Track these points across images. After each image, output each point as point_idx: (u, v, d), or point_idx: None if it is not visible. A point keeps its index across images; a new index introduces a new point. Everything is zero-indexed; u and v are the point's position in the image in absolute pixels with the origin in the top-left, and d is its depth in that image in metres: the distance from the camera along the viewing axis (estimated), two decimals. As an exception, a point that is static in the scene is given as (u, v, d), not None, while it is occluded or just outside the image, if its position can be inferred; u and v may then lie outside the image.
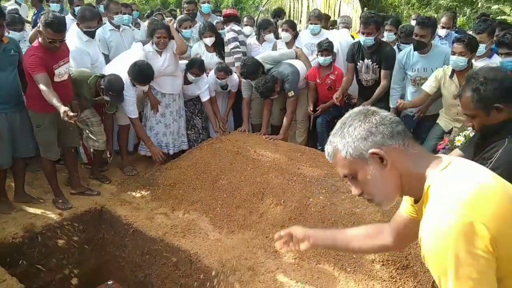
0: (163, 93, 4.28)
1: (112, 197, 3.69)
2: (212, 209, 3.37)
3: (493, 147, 1.68)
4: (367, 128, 1.11)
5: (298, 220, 3.07)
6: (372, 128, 1.10)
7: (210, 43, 4.57)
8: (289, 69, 4.17)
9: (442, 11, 9.84)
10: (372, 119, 1.12)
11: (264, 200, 3.31)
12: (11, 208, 3.38)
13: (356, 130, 1.12)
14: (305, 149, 3.96)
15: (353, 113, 1.16)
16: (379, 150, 1.09)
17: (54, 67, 3.17)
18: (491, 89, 1.66)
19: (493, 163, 1.66)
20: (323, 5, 9.14)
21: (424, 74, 3.77)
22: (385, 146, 1.10)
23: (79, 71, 3.73)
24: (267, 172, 3.52)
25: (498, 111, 1.68)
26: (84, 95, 3.62)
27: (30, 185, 3.75)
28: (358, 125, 1.12)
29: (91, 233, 3.56)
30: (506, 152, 1.64)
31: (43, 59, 3.09)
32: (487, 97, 1.67)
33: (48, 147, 3.36)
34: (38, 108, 3.22)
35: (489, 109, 1.69)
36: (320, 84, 4.47)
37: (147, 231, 3.18)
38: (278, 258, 2.80)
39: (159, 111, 4.28)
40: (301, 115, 4.70)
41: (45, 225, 3.26)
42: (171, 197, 3.59)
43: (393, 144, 1.10)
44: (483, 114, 1.71)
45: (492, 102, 1.67)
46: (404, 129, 1.13)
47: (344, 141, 1.13)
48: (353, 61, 4.19)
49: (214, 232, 3.12)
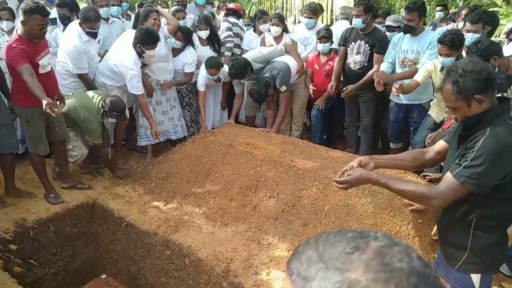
0: (158, 79, 4.30)
1: (104, 191, 3.66)
2: (205, 202, 3.36)
3: (475, 137, 1.71)
4: None
5: (291, 212, 3.08)
6: None
7: (204, 36, 4.55)
8: (279, 66, 4.18)
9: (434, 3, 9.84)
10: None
11: (257, 192, 3.31)
12: (2, 203, 3.35)
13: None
14: (298, 142, 3.96)
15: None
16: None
17: (37, 59, 3.11)
18: (470, 80, 1.69)
19: (475, 152, 1.68)
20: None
21: (411, 55, 3.89)
22: None
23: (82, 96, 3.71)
24: (260, 165, 3.51)
25: (479, 102, 1.71)
26: (95, 133, 3.62)
27: (22, 180, 3.72)
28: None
29: (83, 227, 3.55)
30: (487, 141, 1.67)
31: (26, 51, 3.02)
32: (467, 88, 1.70)
33: (38, 142, 3.32)
34: (26, 103, 3.17)
35: (470, 100, 1.72)
36: (318, 70, 4.51)
37: (140, 225, 3.17)
38: (271, 251, 2.81)
39: (155, 98, 4.30)
40: (297, 109, 4.72)
41: (36, 219, 3.24)
42: (164, 191, 3.57)
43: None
44: (464, 106, 1.73)
45: (472, 94, 1.70)
46: None
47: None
48: (345, 45, 4.29)
49: (207, 225, 3.12)
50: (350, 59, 4.26)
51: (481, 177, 1.67)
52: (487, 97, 1.70)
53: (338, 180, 1.93)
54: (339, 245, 0.57)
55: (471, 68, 1.70)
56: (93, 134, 3.59)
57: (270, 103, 4.36)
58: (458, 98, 1.73)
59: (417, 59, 3.85)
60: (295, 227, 2.97)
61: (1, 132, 3.23)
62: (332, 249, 0.57)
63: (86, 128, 3.60)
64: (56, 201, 3.43)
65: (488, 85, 1.70)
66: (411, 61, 3.89)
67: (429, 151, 2.12)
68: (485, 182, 1.68)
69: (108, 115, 3.59)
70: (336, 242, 0.58)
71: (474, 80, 1.68)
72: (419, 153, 2.17)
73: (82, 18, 3.73)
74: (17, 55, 2.99)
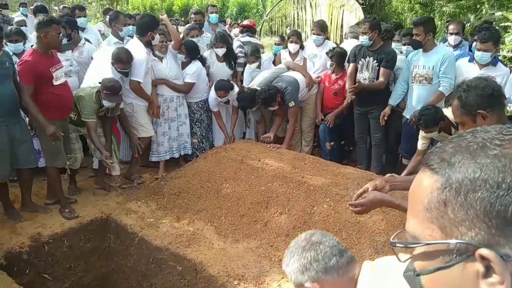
0: (172, 96, 4.39)
1: (117, 206, 3.71)
2: (216, 218, 3.39)
3: None
4: (303, 263, 1.27)
5: (303, 229, 3.07)
6: (307, 264, 1.26)
7: (221, 54, 4.68)
8: (287, 80, 4.24)
9: (446, 17, 9.86)
10: (307, 255, 1.27)
11: (268, 208, 3.32)
12: (18, 217, 3.42)
13: (295, 263, 1.29)
14: (309, 158, 3.97)
15: (296, 244, 1.32)
16: (314, 285, 1.25)
17: (52, 70, 3.22)
18: (473, 95, 1.73)
19: None
20: (326, 13, 9.20)
21: (423, 71, 3.90)
22: (320, 280, 1.24)
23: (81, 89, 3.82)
24: (271, 180, 3.53)
25: (484, 117, 1.74)
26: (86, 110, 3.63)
27: (37, 195, 3.80)
28: (297, 259, 1.29)
29: (97, 242, 3.59)
30: None
31: (37, 64, 3.15)
32: (469, 103, 1.74)
33: (56, 155, 3.41)
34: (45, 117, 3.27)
35: (474, 115, 1.75)
36: (328, 88, 4.56)
37: (152, 240, 3.20)
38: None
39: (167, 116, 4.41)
40: (307, 125, 4.75)
41: (51, 234, 3.30)
42: (176, 206, 3.61)
43: (328, 278, 1.24)
44: (469, 121, 1.77)
45: (475, 108, 1.73)
46: (338, 260, 1.25)
47: (289, 269, 1.31)
48: (354, 61, 4.34)
49: (219, 241, 3.13)
50: (359, 75, 4.29)
51: None
52: (493, 113, 1.72)
53: (353, 203, 1.93)
54: (492, 130, 0.58)
55: (475, 84, 1.75)
56: (84, 111, 3.59)
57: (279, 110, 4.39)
58: (462, 112, 1.77)
59: (427, 75, 3.85)
60: (307, 243, 2.96)
61: (21, 148, 3.32)
62: (484, 133, 0.58)
63: (81, 108, 3.61)
64: (70, 215, 3.49)
65: (493, 101, 1.73)
66: (422, 76, 3.90)
67: None
68: None
69: (101, 95, 3.60)
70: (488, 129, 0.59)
71: (478, 95, 1.72)
72: None
73: (114, 59, 3.82)
74: (26, 72, 3.14)
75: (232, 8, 19.87)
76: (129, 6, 19.47)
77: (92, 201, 3.79)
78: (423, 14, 13.70)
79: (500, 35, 3.90)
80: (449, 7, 11.76)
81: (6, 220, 3.39)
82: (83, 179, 4.21)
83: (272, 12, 10.79)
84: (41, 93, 3.22)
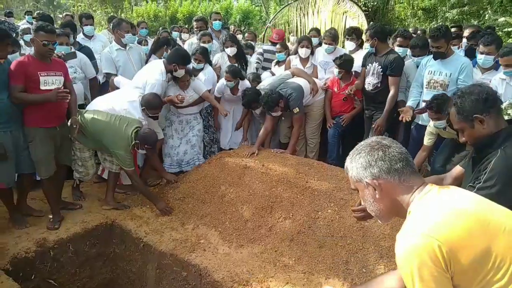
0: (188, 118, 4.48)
1: (122, 211, 3.72)
2: (221, 223, 3.39)
3: (488, 159, 1.74)
4: (368, 160, 1.33)
5: (307, 234, 3.07)
6: (372, 162, 1.32)
7: (231, 53, 4.75)
8: (292, 87, 4.26)
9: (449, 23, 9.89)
10: (375, 154, 1.33)
11: (272, 214, 3.32)
12: (24, 223, 3.43)
13: (360, 159, 1.35)
14: (313, 163, 3.98)
15: (365, 143, 1.39)
16: (373, 181, 1.31)
17: (40, 74, 3.21)
18: (469, 101, 1.77)
19: (487, 173, 1.72)
20: (329, 19, 9.25)
21: (439, 77, 3.85)
22: (380, 178, 1.31)
23: (115, 123, 3.58)
24: (275, 186, 3.54)
25: (481, 122, 1.76)
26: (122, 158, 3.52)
27: (43, 201, 3.81)
28: (363, 155, 1.34)
29: (102, 248, 3.60)
30: (498, 162, 1.71)
31: (27, 66, 3.17)
32: (465, 109, 1.78)
33: (38, 164, 3.36)
34: (29, 123, 3.28)
35: (472, 121, 1.78)
36: (337, 94, 4.60)
37: (157, 246, 3.21)
38: (287, 272, 2.80)
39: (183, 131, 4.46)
40: (311, 131, 4.76)
41: (57, 239, 3.31)
42: (180, 211, 3.62)
43: (388, 178, 1.30)
44: (467, 127, 1.81)
45: (471, 114, 1.77)
46: (403, 166, 1.30)
47: (352, 164, 1.37)
48: (365, 65, 4.45)
49: (223, 246, 3.14)
50: (366, 80, 4.37)
51: (495, 198, 1.67)
52: (490, 118, 1.75)
53: (356, 209, 1.94)
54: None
55: (469, 90, 1.79)
56: (125, 162, 3.53)
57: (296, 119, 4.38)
58: (459, 119, 1.80)
59: (443, 81, 3.82)
60: (311, 248, 2.96)
61: (22, 154, 3.33)
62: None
63: (115, 154, 3.55)
64: (51, 226, 3.42)
65: (488, 106, 1.75)
66: (437, 82, 3.84)
67: (447, 177, 2.12)
68: (500, 203, 1.68)
69: (140, 146, 3.55)
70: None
71: (473, 101, 1.76)
72: (437, 180, 2.16)
73: (145, 104, 3.77)
74: (14, 72, 3.16)
75: (236, 15, 20.00)
76: (134, 14, 19.64)
77: (97, 206, 3.80)
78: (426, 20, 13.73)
79: (503, 41, 3.90)
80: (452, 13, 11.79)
81: (11, 226, 3.40)
82: (88, 184, 4.23)
83: (275, 18, 10.86)
84: None
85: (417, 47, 4.25)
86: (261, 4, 21.22)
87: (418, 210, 1.25)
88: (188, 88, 4.31)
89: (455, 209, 1.20)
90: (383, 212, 1.37)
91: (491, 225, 1.18)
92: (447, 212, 1.20)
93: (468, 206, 1.22)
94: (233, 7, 20.91)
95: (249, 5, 21.65)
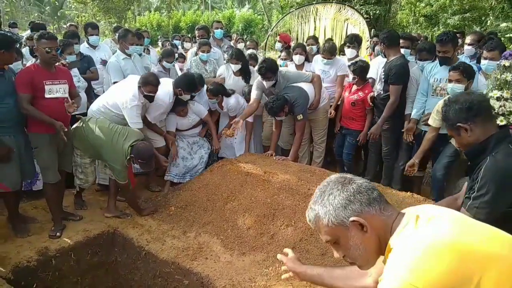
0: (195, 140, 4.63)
1: (124, 219, 3.72)
2: (223, 231, 3.38)
3: (479, 167, 1.74)
4: (345, 197, 1.20)
5: (309, 241, 3.05)
6: (350, 197, 1.20)
7: (235, 70, 4.77)
8: (299, 93, 4.24)
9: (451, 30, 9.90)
10: (349, 188, 1.21)
11: (274, 221, 3.31)
12: (26, 232, 3.43)
13: (336, 199, 1.21)
14: (315, 170, 3.97)
15: (331, 182, 1.26)
16: (359, 218, 1.18)
17: (45, 82, 3.25)
18: (452, 110, 1.79)
19: (479, 182, 1.72)
20: (330, 27, 9.29)
21: (444, 83, 3.82)
22: (363, 213, 1.19)
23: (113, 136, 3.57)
24: (277, 193, 3.53)
25: (466, 130, 1.77)
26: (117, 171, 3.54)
27: (46, 210, 3.81)
28: (338, 194, 1.21)
29: (103, 256, 3.58)
30: (488, 168, 1.71)
31: (33, 74, 3.22)
32: (449, 118, 1.80)
33: (45, 170, 3.39)
34: (33, 129, 3.31)
35: (458, 129, 1.79)
36: (347, 98, 4.59)
37: (159, 254, 3.20)
38: (289, 280, 2.77)
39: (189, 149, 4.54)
40: (318, 137, 4.75)
41: (58, 248, 3.31)
42: (182, 219, 3.61)
43: (371, 210, 1.19)
44: (454, 134, 1.82)
45: (455, 122, 1.78)
46: (379, 194, 1.22)
47: (325, 209, 1.22)
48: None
49: (225, 254, 3.12)
50: (375, 87, 4.44)
51: (490, 205, 1.67)
52: (476, 126, 1.75)
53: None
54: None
55: (455, 99, 1.80)
56: (119, 176, 3.54)
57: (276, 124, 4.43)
58: (446, 126, 1.83)
59: None
60: (313, 256, 2.94)
61: (26, 159, 3.35)
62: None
63: (111, 167, 3.57)
64: (52, 234, 3.42)
65: (472, 115, 1.75)
66: (443, 89, 3.80)
67: (460, 197, 2.07)
68: (496, 209, 1.68)
69: (134, 161, 3.53)
70: None
71: (456, 110, 1.77)
72: (452, 200, 2.15)
73: (142, 82, 3.80)
74: (20, 81, 3.21)
75: (238, 24, 20.14)
76: (137, 24, 19.82)
77: (99, 215, 3.80)
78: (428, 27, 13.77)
79: (505, 47, 3.89)
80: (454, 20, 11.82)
81: (13, 234, 3.40)
82: (90, 193, 4.23)
83: (277, 26, 10.92)
84: (32, 103, 3.25)
85: (424, 51, 4.27)
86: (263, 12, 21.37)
87: (399, 250, 1.14)
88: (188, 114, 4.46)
89: (435, 248, 1.09)
90: (371, 253, 1.23)
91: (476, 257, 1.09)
92: (427, 252, 1.08)
93: (448, 239, 1.10)
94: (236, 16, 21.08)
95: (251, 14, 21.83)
